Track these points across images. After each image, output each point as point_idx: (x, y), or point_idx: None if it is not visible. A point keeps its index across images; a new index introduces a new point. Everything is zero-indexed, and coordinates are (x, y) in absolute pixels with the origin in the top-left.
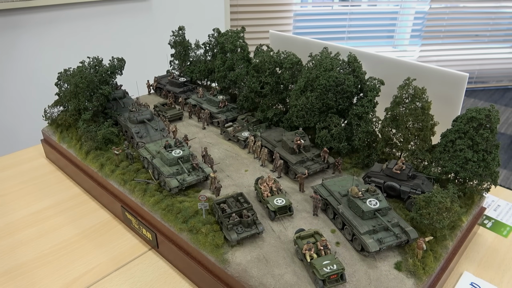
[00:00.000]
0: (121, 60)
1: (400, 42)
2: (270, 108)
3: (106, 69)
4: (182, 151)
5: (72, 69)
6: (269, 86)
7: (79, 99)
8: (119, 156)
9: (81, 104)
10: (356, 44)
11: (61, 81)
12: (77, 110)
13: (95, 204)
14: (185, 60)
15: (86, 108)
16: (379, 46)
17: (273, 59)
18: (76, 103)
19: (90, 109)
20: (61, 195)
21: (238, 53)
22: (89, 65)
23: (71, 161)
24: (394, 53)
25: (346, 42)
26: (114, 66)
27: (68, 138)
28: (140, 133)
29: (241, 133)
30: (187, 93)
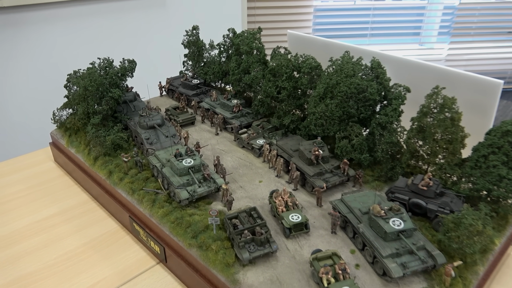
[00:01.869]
0: (132, 62)
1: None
2: (287, 115)
3: (116, 71)
4: (193, 161)
5: (82, 70)
6: (286, 91)
7: (88, 103)
8: (128, 163)
9: (90, 108)
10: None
11: (70, 83)
12: (86, 114)
13: (103, 213)
14: (199, 61)
15: (95, 112)
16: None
17: (291, 63)
18: (85, 106)
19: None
20: (68, 202)
21: (254, 55)
22: (99, 66)
23: (79, 166)
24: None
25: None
26: (125, 68)
27: (76, 142)
28: (150, 139)
29: (255, 141)
30: (200, 96)
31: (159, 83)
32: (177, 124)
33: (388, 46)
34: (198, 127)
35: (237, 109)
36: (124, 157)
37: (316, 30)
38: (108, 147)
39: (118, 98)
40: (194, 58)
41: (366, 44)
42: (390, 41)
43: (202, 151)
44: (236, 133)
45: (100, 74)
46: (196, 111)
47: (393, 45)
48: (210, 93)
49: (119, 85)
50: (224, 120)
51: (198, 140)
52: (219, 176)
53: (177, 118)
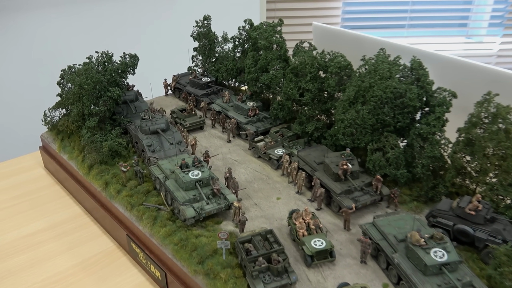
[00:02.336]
0: (134, 57)
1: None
2: (311, 121)
3: (116, 67)
4: (201, 173)
5: (77, 65)
6: (310, 93)
7: (84, 103)
8: (127, 174)
9: (86, 109)
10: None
11: (64, 80)
12: (81, 116)
13: (97, 229)
14: (210, 56)
15: (91, 113)
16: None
17: (316, 61)
18: (80, 107)
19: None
20: (59, 215)
21: (274, 51)
22: (97, 61)
23: (71, 175)
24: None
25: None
26: (126, 63)
27: (69, 147)
28: (153, 146)
29: (273, 150)
30: (210, 97)
31: (164, 81)
32: (183, 129)
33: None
34: (208, 133)
35: (252, 112)
36: (123, 167)
37: (345, 20)
38: (104, 154)
39: (118, 98)
40: (204, 53)
41: (404, 37)
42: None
43: (211, 161)
44: (251, 140)
45: (97, 71)
46: (205, 114)
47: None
48: (222, 94)
49: (119, 83)
50: (237, 125)
51: (208, 148)
52: (230, 192)
53: (184, 122)
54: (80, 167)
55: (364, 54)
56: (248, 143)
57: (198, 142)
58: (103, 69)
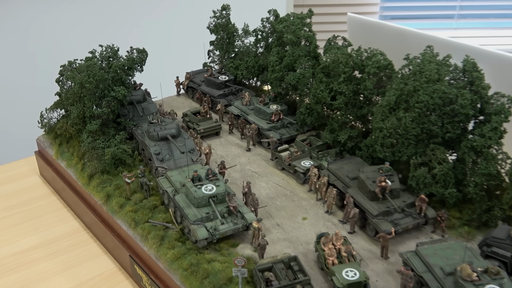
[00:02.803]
0: (142, 52)
1: None
2: (344, 128)
3: (122, 64)
4: (216, 187)
5: (79, 61)
6: (343, 96)
7: (85, 104)
8: (131, 186)
9: (87, 110)
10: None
11: (64, 78)
12: (82, 118)
13: (97, 247)
14: (229, 51)
15: (92, 115)
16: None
17: (351, 59)
18: (81, 108)
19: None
20: (55, 230)
21: (302, 46)
22: (101, 56)
23: (69, 184)
24: None
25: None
26: (133, 59)
27: (67, 153)
28: (161, 154)
29: (300, 162)
30: (228, 98)
31: (176, 79)
32: (196, 135)
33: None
34: (224, 139)
35: (276, 117)
36: (127, 177)
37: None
38: (107, 162)
39: (123, 98)
40: (222, 47)
41: (452, 29)
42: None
43: (228, 173)
44: (274, 150)
45: (101, 67)
46: (222, 118)
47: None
48: (242, 95)
49: (124, 81)
50: (258, 131)
51: (224, 157)
52: (249, 210)
53: (197, 126)
54: (79, 177)
55: (408, 53)
56: (271, 152)
57: (213, 151)
58: (107, 65)
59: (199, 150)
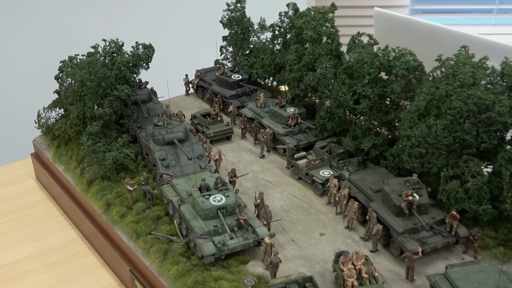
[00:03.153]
0: (148, 48)
1: None
2: (368, 135)
3: (126, 60)
4: (225, 198)
5: (80, 56)
6: (367, 100)
7: (85, 103)
8: (134, 193)
9: (88, 111)
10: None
11: (63, 74)
12: (82, 118)
13: (95, 260)
14: (243, 48)
15: (93, 116)
16: None
17: (377, 59)
18: (81, 108)
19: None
20: (51, 240)
21: (323, 44)
22: (104, 51)
23: (67, 190)
24: None
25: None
26: (138, 56)
27: (66, 157)
28: (167, 160)
29: (318, 171)
30: (241, 99)
31: (185, 77)
32: (206, 140)
33: None
34: (236, 144)
35: (293, 121)
36: (129, 184)
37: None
38: (107, 167)
39: (127, 98)
40: (236, 43)
41: (491, 25)
42: None
43: (239, 182)
44: (290, 157)
45: (103, 63)
46: (234, 121)
47: None
48: (257, 96)
49: (129, 79)
50: (274, 136)
51: (235, 165)
52: (261, 223)
53: (207, 130)
54: (78, 182)
55: (440, 53)
56: (286, 160)
57: (223, 157)
58: (110, 61)
59: (208, 156)
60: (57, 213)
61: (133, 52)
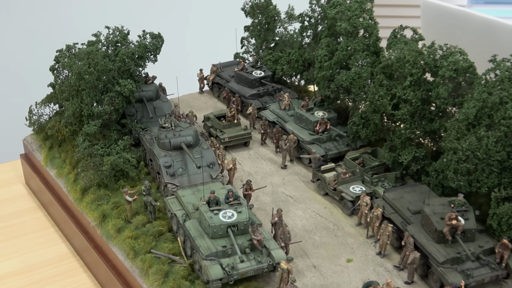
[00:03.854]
0: (157, 37)
1: None
2: (408, 146)
3: (131, 51)
4: (237, 214)
5: (80, 45)
6: (409, 105)
7: (83, 99)
8: (133, 205)
9: (85, 108)
10: None
11: (59, 65)
12: (78, 117)
13: (87, 279)
14: (267, 40)
15: (92, 114)
16: None
17: (421, 57)
18: (78, 104)
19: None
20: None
21: (360, 38)
22: (107, 40)
23: (59, 198)
24: None
25: None
26: (145, 46)
27: (59, 160)
28: (173, 167)
29: (348, 187)
30: (263, 99)
31: (200, 72)
32: (219, 146)
33: None
34: (255, 152)
35: (322, 127)
36: (128, 194)
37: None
38: (105, 174)
39: (130, 94)
40: (259, 35)
41: None
42: None
43: (255, 196)
44: (316, 169)
45: (105, 54)
46: (253, 124)
47: None
48: (280, 96)
49: (133, 73)
50: (298, 144)
51: (252, 176)
52: (277, 245)
53: (221, 134)
54: (71, 190)
55: (495, 53)
56: (312, 172)
57: (238, 166)
58: (113, 52)
59: (221, 164)
60: (46, 224)
61: (139, 42)
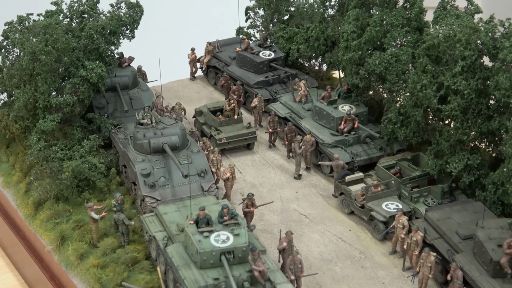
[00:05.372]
0: (135, 7)
1: None
2: (458, 152)
3: (102, 25)
4: (234, 237)
5: (36, 16)
6: (460, 98)
7: (38, 86)
8: (100, 224)
9: (41, 98)
10: None
11: (9, 42)
12: (31, 109)
13: None
14: (280, 11)
15: (49, 106)
16: None
17: (477, 36)
18: (31, 93)
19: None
20: None
21: (398, 9)
22: (70, 10)
23: (6, 215)
24: None
25: None
26: (119, 19)
27: (6, 164)
28: (153, 176)
29: (380, 204)
30: (272, 88)
31: (191, 52)
32: (214, 148)
33: None
34: (260, 157)
35: (348, 126)
36: (94, 210)
37: None
38: (65, 183)
39: (99, 81)
40: (270, 4)
41: None
42: None
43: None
44: (339, 180)
45: (68, 28)
46: (260, 121)
47: None
48: (295, 85)
49: (103, 53)
50: (317, 147)
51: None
52: (286, 279)
53: (217, 133)
54: (22, 203)
55: None
56: (334, 184)
57: (238, 175)
58: (78, 26)
59: (216, 173)
60: None
61: (112, 13)
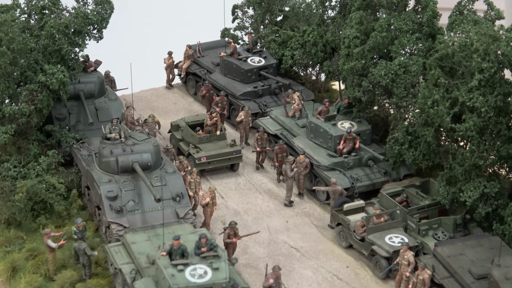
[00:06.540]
0: (103, 3)
1: None
2: (474, 178)
3: (65, 23)
4: (212, 272)
5: None
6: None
7: None
8: (58, 254)
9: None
10: None
11: None
12: None
13: None
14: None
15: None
16: None
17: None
18: None
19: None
20: None
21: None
22: (29, 5)
23: None
24: None
25: None
26: (85, 16)
27: None
28: (120, 200)
29: (383, 237)
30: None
31: (168, 57)
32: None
33: None
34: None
35: (348, 146)
36: (51, 238)
37: None
38: (18, 206)
39: (60, 88)
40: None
41: None
42: None
43: (242, 246)
44: (336, 208)
45: (25, 26)
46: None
47: None
48: (288, 97)
49: (66, 55)
50: (311, 169)
51: (239, 215)
52: None
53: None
54: None
55: None
56: (330, 213)
57: (220, 200)
58: (37, 23)
59: (193, 197)
60: None
61: (77, 9)
